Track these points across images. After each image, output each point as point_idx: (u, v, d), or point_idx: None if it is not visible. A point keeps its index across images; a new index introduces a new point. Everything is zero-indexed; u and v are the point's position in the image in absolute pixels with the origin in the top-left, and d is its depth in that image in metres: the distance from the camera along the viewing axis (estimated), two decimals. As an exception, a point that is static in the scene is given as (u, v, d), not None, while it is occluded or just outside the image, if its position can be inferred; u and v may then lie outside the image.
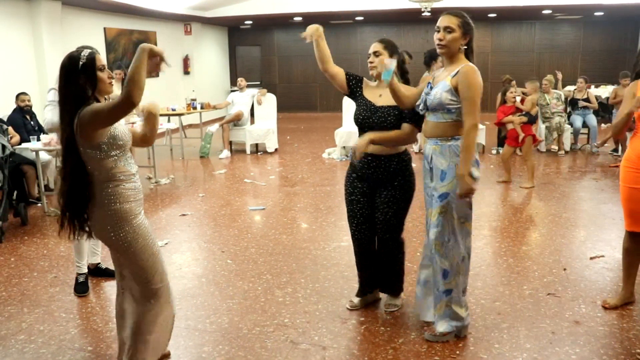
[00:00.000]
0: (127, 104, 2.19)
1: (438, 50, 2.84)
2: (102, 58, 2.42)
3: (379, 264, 3.35)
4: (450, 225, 2.88)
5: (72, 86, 2.31)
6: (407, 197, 3.19)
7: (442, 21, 2.80)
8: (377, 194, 3.21)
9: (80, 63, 2.31)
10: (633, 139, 3.17)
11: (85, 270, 3.83)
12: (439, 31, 2.79)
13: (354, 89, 3.25)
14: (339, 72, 3.23)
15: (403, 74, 3.24)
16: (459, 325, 3.01)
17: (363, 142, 2.97)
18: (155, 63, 2.31)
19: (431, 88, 2.88)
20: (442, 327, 2.99)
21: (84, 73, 2.31)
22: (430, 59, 6.90)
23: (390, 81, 2.88)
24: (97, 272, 4.01)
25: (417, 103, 2.95)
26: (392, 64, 2.88)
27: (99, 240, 2.51)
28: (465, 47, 2.83)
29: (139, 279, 2.50)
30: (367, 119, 3.12)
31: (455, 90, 2.76)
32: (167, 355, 2.92)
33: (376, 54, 3.11)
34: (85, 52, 2.34)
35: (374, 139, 2.99)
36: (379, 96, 3.15)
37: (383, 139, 3.04)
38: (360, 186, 3.25)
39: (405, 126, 3.07)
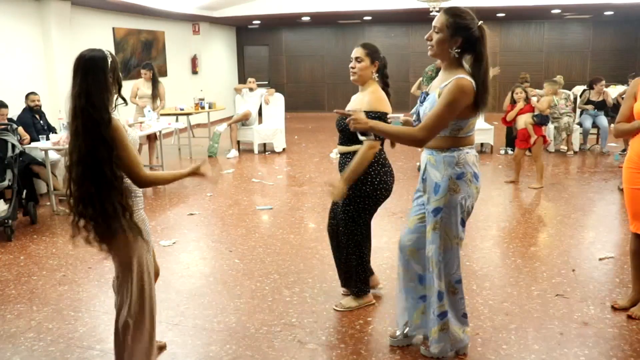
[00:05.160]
0: (140, 183, 2.35)
1: (428, 52, 2.59)
2: None
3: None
4: (443, 242, 2.65)
5: (112, 83, 2.26)
6: (356, 194, 3.18)
7: (435, 19, 2.52)
8: None
9: (109, 61, 2.25)
10: (633, 140, 3.16)
11: None
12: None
13: None
14: None
15: (383, 78, 3.30)
16: (457, 347, 2.82)
17: (336, 190, 3.06)
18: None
19: (424, 99, 2.67)
20: (436, 349, 2.80)
21: (113, 71, 2.27)
22: None
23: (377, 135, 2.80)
24: None
25: (412, 112, 2.82)
26: (397, 118, 2.82)
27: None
28: (458, 50, 2.48)
29: (124, 267, 2.50)
30: (336, 126, 3.30)
31: None
32: (163, 347, 2.98)
33: (358, 59, 3.17)
34: (108, 52, 2.28)
35: (343, 182, 3.05)
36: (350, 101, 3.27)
37: (349, 176, 3.07)
38: None
39: (364, 144, 3.03)
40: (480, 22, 2.48)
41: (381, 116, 3.02)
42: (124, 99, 2.39)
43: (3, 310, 3.53)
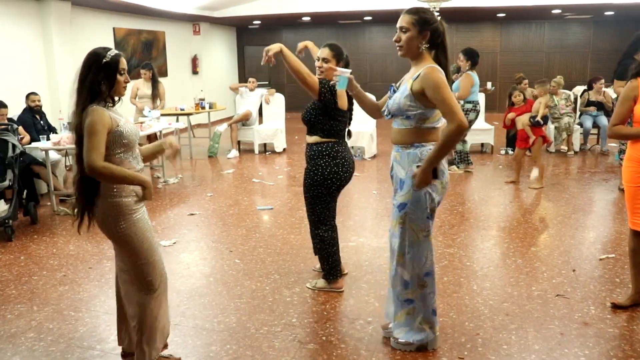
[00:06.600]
0: (91, 171, 2.33)
1: (398, 53, 2.68)
2: (124, 62, 2.49)
3: None
4: (409, 237, 2.73)
5: (90, 79, 2.38)
6: (306, 182, 3.52)
7: (399, 21, 2.61)
8: None
9: (104, 60, 2.39)
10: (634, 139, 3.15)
11: None
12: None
13: None
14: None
15: None
16: (421, 339, 2.86)
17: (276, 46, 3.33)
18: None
19: (394, 91, 2.72)
20: (401, 333, 2.86)
21: (105, 70, 2.39)
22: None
23: (353, 89, 2.91)
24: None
25: (383, 109, 2.84)
26: (345, 72, 2.84)
27: (102, 231, 2.56)
28: (427, 45, 2.60)
29: (137, 271, 2.56)
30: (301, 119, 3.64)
31: (414, 96, 2.56)
32: (165, 346, 2.96)
33: (325, 60, 3.42)
34: (112, 52, 2.43)
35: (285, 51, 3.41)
36: None
37: (288, 57, 3.46)
38: None
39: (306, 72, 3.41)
40: (439, 18, 2.65)
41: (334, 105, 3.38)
42: (112, 98, 2.47)
43: (3, 310, 3.53)
